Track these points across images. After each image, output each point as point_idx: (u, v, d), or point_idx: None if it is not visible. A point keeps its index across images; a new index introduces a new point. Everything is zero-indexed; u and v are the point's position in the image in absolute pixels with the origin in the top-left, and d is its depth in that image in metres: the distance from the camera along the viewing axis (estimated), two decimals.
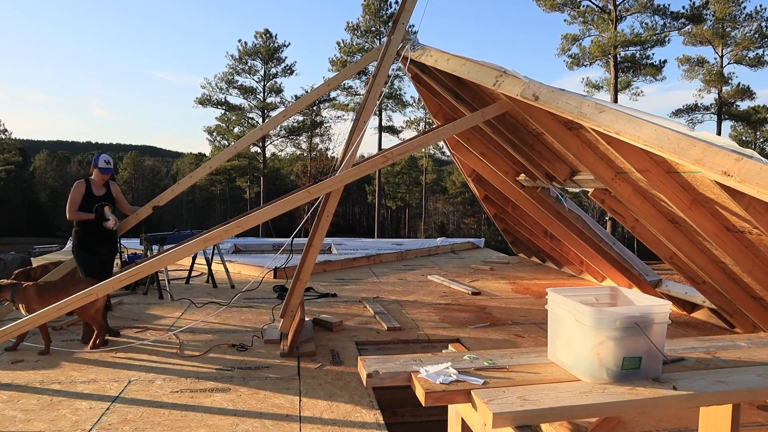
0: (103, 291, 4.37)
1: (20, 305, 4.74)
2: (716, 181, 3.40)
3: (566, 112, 3.90)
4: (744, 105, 38.03)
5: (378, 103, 5.58)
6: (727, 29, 34.44)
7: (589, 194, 5.71)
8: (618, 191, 4.86)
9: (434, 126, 7.36)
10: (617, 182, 4.85)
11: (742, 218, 3.92)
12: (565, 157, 5.74)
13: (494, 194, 8.90)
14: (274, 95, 44.27)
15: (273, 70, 43.92)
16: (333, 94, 42.37)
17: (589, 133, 4.54)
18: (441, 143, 52.47)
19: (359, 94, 41.34)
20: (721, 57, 36.04)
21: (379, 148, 40.29)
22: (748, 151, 2.90)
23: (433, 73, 5.99)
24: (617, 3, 32.17)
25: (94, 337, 4.85)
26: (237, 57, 42.84)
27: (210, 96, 43.00)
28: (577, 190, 6.19)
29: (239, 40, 48.02)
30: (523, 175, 7.13)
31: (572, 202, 7.27)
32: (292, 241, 5.44)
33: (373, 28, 40.16)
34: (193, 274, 8.10)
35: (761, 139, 43.45)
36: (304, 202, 4.97)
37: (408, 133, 45.46)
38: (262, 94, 44.01)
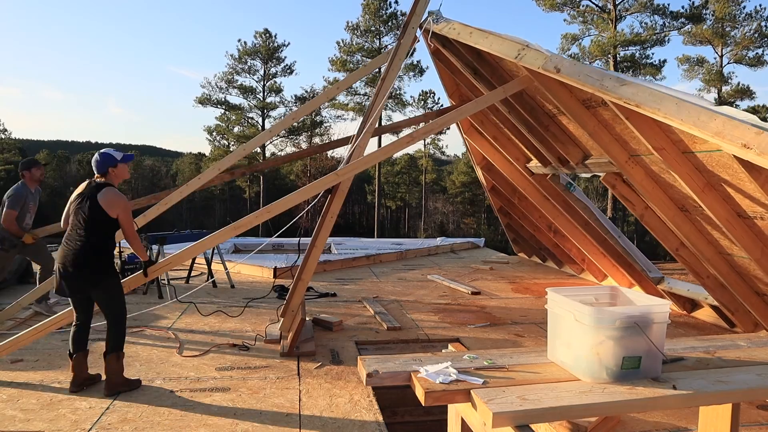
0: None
1: None
2: (734, 155, 3.42)
3: (587, 84, 3.95)
4: (744, 104, 38.08)
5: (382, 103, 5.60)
6: (727, 29, 34.45)
7: (600, 178, 5.76)
8: (631, 174, 4.92)
9: (452, 105, 7.40)
10: (630, 165, 4.91)
11: (756, 201, 3.95)
12: (578, 140, 5.82)
13: (502, 184, 8.92)
14: (273, 95, 44.27)
15: (273, 70, 43.91)
16: None
17: (606, 112, 4.59)
18: (442, 143, 52.05)
19: (359, 94, 41.36)
20: (721, 57, 36.06)
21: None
22: None
23: (455, 48, 6.03)
24: (617, 2, 32.18)
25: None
26: (236, 57, 42.84)
27: (210, 96, 43.00)
28: (588, 175, 6.26)
29: (239, 40, 47.98)
30: (533, 161, 7.14)
31: (581, 191, 7.24)
32: (299, 243, 5.41)
33: (373, 28, 40.14)
34: (193, 273, 8.10)
35: None
36: (332, 184, 4.93)
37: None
38: (261, 94, 43.99)
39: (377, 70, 6.84)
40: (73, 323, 4.09)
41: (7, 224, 5.75)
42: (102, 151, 4.16)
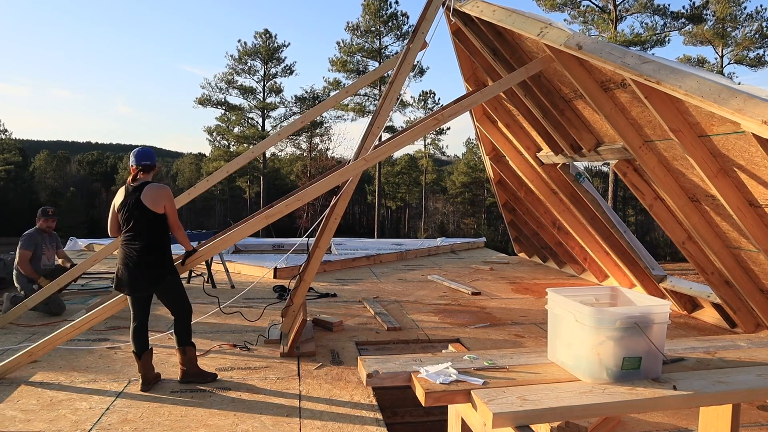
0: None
1: None
2: (753, 134, 3.45)
3: (609, 62, 4.02)
4: None
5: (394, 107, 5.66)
6: (728, 29, 34.44)
7: (612, 165, 5.82)
8: (644, 160, 4.98)
9: (470, 91, 7.48)
10: (644, 151, 4.98)
11: None
12: (592, 126, 5.89)
13: (509, 176, 8.95)
14: (273, 95, 44.30)
15: (273, 70, 43.93)
16: (332, 93, 42.38)
17: (623, 94, 4.66)
18: (442, 143, 51.97)
19: (359, 94, 41.34)
20: (722, 57, 36.04)
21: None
22: None
23: (476, 27, 6.10)
24: (617, 3, 32.17)
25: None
26: (236, 57, 42.86)
27: (210, 96, 43.03)
28: (599, 162, 6.33)
29: (239, 40, 48.09)
30: (545, 149, 7.16)
31: (590, 183, 7.21)
32: (308, 244, 5.43)
33: (373, 28, 40.14)
34: (193, 274, 8.10)
35: None
36: (359, 170, 5.00)
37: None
38: (261, 94, 44.02)
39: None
40: (131, 323, 4.15)
41: (20, 264, 6.10)
42: (145, 147, 4.24)
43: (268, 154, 46.57)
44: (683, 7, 33.60)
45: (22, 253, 6.10)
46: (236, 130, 44.36)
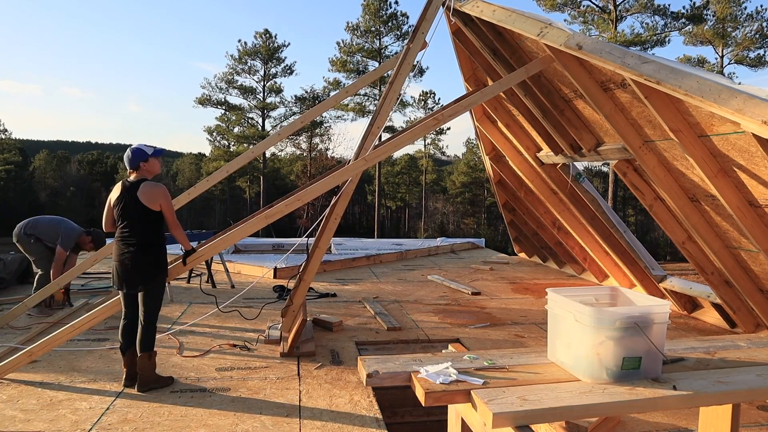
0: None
1: None
2: (753, 134, 3.46)
3: (609, 62, 4.03)
4: None
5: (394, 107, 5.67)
6: (728, 29, 34.43)
7: (612, 165, 5.82)
8: (644, 160, 4.98)
9: (470, 91, 7.48)
10: (644, 151, 4.98)
11: None
12: (592, 126, 5.89)
13: (509, 176, 8.95)
14: (273, 95, 44.28)
15: (273, 70, 43.93)
16: (332, 93, 42.37)
17: (623, 94, 4.68)
18: (442, 143, 52.00)
19: (359, 94, 41.35)
20: (722, 57, 36.03)
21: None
22: None
23: (476, 27, 6.10)
24: (617, 3, 32.17)
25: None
26: (237, 57, 42.86)
27: (210, 96, 43.02)
28: (599, 162, 6.34)
29: (239, 40, 48.07)
30: (544, 149, 7.17)
31: (590, 183, 7.21)
32: (307, 244, 5.44)
33: (373, 29, 40.14)
34: (193, 274, 8.10)
35: None
36: (359, 170, 5.01)
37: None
38: (261, 94, 44.01)
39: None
40: (122, 319, 4.13)
41: (55, 268, 5.99)
42: (133, 146, 4.20)
43: (268, 154, 46.58)
44: (683, 7, 33.67)
45: (61, 253, 5.98)
46: (236, 130, 44.34)
